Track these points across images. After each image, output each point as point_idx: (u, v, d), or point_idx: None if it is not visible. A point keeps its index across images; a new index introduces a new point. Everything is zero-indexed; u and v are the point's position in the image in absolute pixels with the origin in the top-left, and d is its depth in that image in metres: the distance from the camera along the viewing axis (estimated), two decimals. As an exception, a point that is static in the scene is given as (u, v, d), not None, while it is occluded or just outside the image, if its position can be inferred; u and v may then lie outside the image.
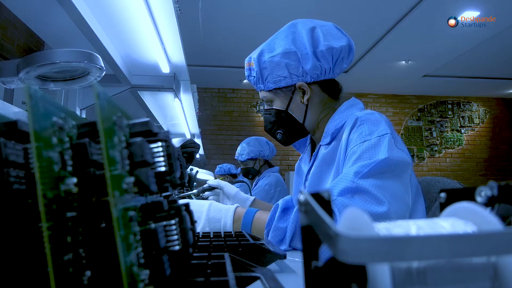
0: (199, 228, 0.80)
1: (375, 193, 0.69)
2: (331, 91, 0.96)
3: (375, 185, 0.70)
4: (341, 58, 0.92)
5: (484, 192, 0.23)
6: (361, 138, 0.79)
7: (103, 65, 1.10)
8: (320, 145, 0.95)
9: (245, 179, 2.77)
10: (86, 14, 1.09)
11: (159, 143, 0.26)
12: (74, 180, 0.22)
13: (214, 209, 0.82)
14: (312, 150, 1.04)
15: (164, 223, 0.25)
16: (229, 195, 1.14)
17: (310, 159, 1.00)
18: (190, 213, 0.32)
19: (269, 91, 0.94)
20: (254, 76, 0.95)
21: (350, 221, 0.20)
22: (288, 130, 0.96)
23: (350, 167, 0.75)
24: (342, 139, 0.85)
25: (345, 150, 0.82)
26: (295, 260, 0.61)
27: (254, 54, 0.94)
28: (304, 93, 0.93)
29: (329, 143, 0.91)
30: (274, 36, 0.94)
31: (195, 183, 1.99)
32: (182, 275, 0.27)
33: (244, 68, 1.00)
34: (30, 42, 1.64)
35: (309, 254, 0.20)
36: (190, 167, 2.17)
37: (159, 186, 0.25)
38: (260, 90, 0.97)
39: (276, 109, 0.95)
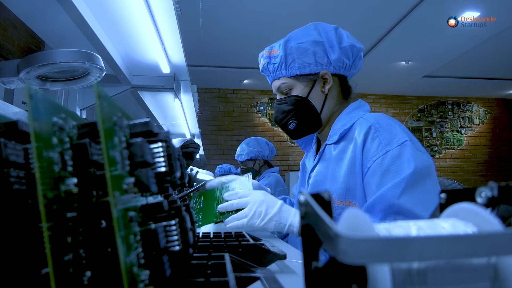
0: (262, 223, 0.83)
1: (417, 212, 0.72)
2: (345, 88, 0.99)
3: (414, 203, 0.72)
4: (358, 58, 0.97)
5: (484, 193, 0.23)
6: (382, 149, 0.80)
7: (103, 65, 1.10)
8: (326, 144, 0.95)
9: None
10: (86, 14, 1.09)
11: (160, 144, 0.26)
12: (75, 180, 0.22)
13: (285, 209, 0.85)
14: (317, 149, 1.05)
15: (164, 223, 0.25)
16: None
17: (315, 157, 1.00)
18: (190, 213, 0.32)
19: (290, 77, 0.95)
20: (276, 63, 0.95)
21: (350, 221, 0.20)
22: (303, 119, 0.95)
23: (380, 185, 0.77)
24: (355, 142, 0.86)
25: (361, 156, 0.83)
26: (295, 260, 0.61)
27: (278, 42, 0.96)
28: (325, 83, 0.95)
29: (336, 143, 0.92)
30: (298, 30, 0.96)
31: (195, 183, 1.99)
32: (182, 276, 0.27)
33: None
34: (30, 42, 1.64)
35: (309, 254, 0.20)
36: (190, 167, 2.17)
37: (160, 187, 0.26)
38: (279, 78, 0.96)
39: (295, 96, 0.95)
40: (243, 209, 0.85)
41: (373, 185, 0.79)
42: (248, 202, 0.84)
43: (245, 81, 5.38)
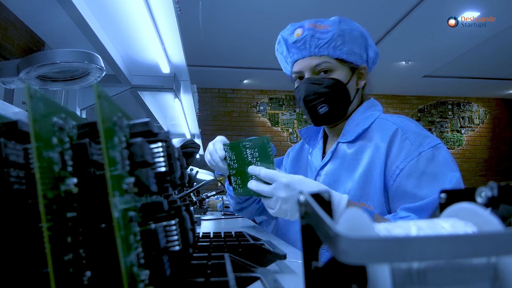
0: (292, 219, 0.73)
1: None
2: (366, 89, 0.97)
3: None
4: (374, 65, 0.96)
5: (484, 193, 0.23)
6: (415, 150, 0.78)
7: (103, 65, 1.10)
8: (339, 142, 0.91)
9: None
10: (86, 14, 1.09)
11: (159, 144, 0.26)
12: (74, 180, 0.22)
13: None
14: (324, 144, 1.00)
15: (164, 223, 0.25)
16: None
17: (323, 154, 0.96)
18: (190, 213, 0.32)
19: (336, 59, 0.88)
20: (323, 39, 0.86)
21: (350, 221, 0.20)
22: (335, 106, 0.88)
23: (418, 187, 0.75)
24: (375, 144, 0.83)
25: (384, 159, 0.80)
26: (295, 260, 0.61)
27: (328, 20, 0.90)
28: (359, 77, 0.92)
29: (351, 142, 0.89)
30: (337, 19, 0.90)
31: (195, 183, 1.99)
32: (182, 276, 0.27)
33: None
34: (30, 42, 1.64)
35: (309, 254, 0.20)
36: (190, 167, 2.17)
37: (160, 187, 0.25)
38: (320, 55, 0.88)
39: (336, 80, 0.88)
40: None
41: (409, 186, 0.76)
42: (273, 193, 0.72)
43: (245, 81, 5.38)
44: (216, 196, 1.96)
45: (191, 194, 1.17)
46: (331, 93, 0.87)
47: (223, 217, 1.77)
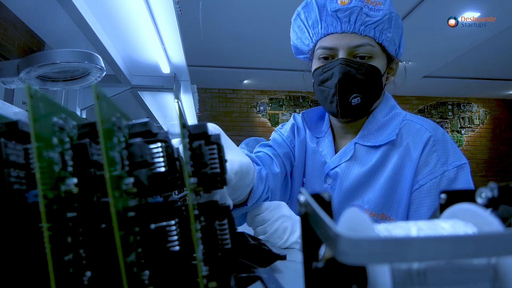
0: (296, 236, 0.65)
1: None
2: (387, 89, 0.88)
3: None
4: None
5: (484, 193, 0.23)
6: (440, 168, 0.72)
7: (103, 66, 1.10)
8: (356, 143, 0.80)
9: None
10: (86, 14, 1.09)
11: (159, 144, 0.26)
12: (75, 180, 0.22)
13: None
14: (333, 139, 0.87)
15: (164, 223, 0.25)
16: None
17: (334, 150, 0.84)
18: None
19: (379, 44, 0.75)
20: (373, 17, 0.73)
21: (350, 221, 0.20)
22: (368, 100, 0.76)
23: (433, 207, 0.70)
24: (406, 151, 0.75)
25: (415, 169, 0.73)
26: (295, 260, 0.61)
27: None
28: (388, 72, 0.82)
29: (374, 147, 0.78)
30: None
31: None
32: (182, 276, 0.27)
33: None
34: (30, 42, 1.64)
35: (309, 254, 0.20)
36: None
37: (159, 187, 0.25)
38: (364, 35, 0.73)
39: (377, 68, 0.74)
40: None
41: (425, 205, 0.72)
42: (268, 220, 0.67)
43: (245, 81, 5.38)
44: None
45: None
46: (369, 83, 0.74)
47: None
